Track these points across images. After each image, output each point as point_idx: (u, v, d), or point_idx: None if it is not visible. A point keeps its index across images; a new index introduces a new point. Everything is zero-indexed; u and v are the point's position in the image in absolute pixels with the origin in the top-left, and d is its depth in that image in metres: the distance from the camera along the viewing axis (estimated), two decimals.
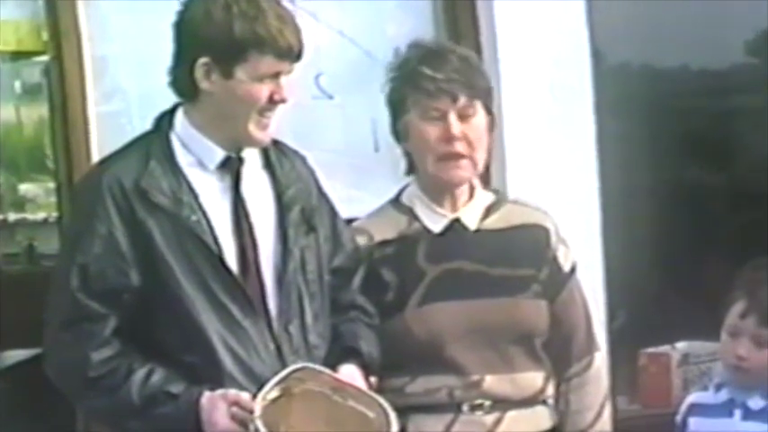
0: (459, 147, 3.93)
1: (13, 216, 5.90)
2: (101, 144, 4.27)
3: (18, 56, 4.88)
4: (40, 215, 5.88)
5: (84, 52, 4.54)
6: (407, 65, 3.98)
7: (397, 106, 3.99)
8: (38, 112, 5.00)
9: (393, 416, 3.45)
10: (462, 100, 3.94)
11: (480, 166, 4.03)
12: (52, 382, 3.61)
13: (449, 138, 3.91)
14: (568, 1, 4.79)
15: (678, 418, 4.44)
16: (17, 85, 5.12)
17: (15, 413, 4.98)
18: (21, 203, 5.76)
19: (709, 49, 5.48)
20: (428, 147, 3.93)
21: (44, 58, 4.78)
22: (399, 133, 4.02)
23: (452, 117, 3.91)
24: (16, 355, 5.22)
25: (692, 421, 4.40)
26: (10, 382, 5.21)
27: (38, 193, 5.66)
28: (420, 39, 4.21)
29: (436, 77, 3.90)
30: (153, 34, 3.81)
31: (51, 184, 5.31)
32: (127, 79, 4.54)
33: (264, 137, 3.66)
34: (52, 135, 4.84)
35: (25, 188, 5.78)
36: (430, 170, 3.97)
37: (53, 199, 5.15)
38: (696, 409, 4.41)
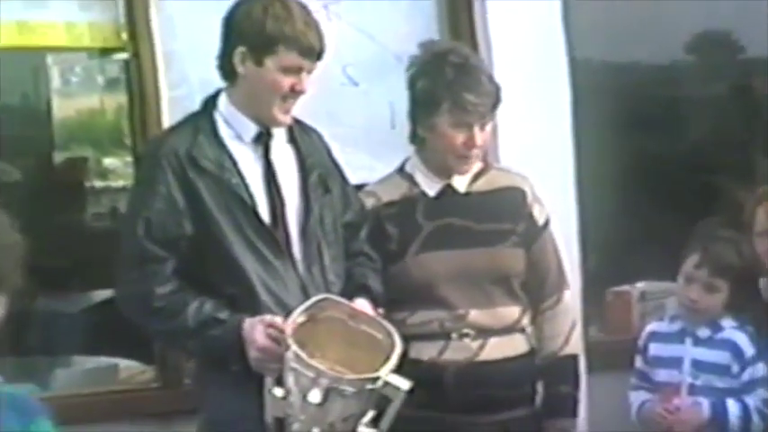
0: (476, 151, 4.05)
1: (98, 184, 5.82)
2: (171, 123, 4.27)
3: (102, 53, 4.86)
4: (120, 183, 5.91)
5: (156, 49, 4.60)
6: (442, 77, 3.98)
7: (428, 107, 4.00)
8: (117, 100, 4.97)
9: (397, 337, 3.50)
10: (488, 118, 4.04)
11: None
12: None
13: (471, 145, 4.00)
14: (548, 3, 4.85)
15: (640, 342, 4.53)
16: (100, 78, 5.11)
17: (105, 341, 5.07)
18: (105, 174, 5.72)
19: (657, 47, 5.49)
20: (453, 148, 4.00)
21: (123, 55, 4.74)
22: (421, 123, 4.05)
23: (476, 129, 3.99)
24: (104, 293, 5.26)
25: (652, 346, 4.50)
26: (100, 315, 5.27)
27: (118, 165, 5.60)
28: (442, 45, 4.29)
29: (475, 102, 3.95)
30: (210, 31, 3.79)
31: (129, 158, 5.31)
32: (190, 69, 4.56)
33: (286, 119, 3.75)
34: (131, 118, 4.70)
35: (108, 161, 5.83)
36: (452, 165, 4.05)
37: (130, 170, 5.19)
38: (654, 336, 4.52)
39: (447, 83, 3.97)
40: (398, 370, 3.48)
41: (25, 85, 5.25)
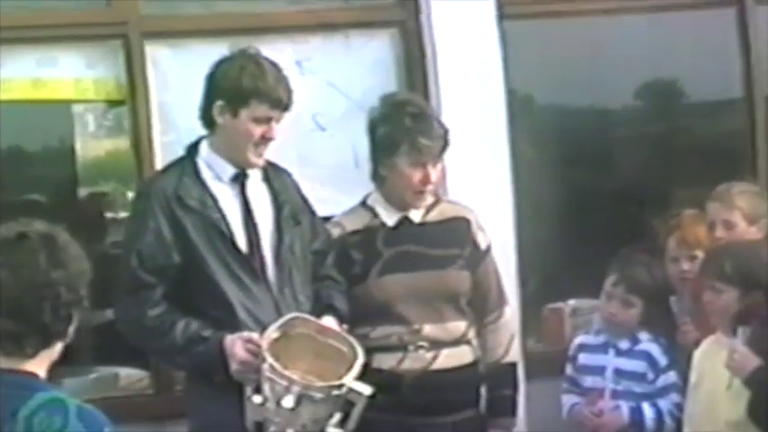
0: (430, 187, 4.06)
1: (122, 214, 5.84)
2: (163, 162, 4.27)
3: (106, 104, 4.87)
4: None
5: (151, 101, 4.61)
6: (401, 124, 3.99)
7: (387, 149, 4.01)
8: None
9: (359, 350, 3.52)
10: (439, 158, 4.07)
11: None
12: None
13: (426, 182, 4.02)
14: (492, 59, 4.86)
15: (570, 353, 4.55)
16: (126, 123, 5.05)
17: (109, 352, 4.97)
18: (128, 205, 5.66)
19: (605, 91, 5.45)
20: (410, 184, 4.01)
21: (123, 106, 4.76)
22: (382, 163, 4.05)
23: (430, 168, 4.02)
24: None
25: (580, 356, 4.52)
26: (110, 330, 5.30)
27: None
28: (400, 97, 4.28)
29: (429, 145, 3.97)
30: (196, 86, 3.80)
31: None
32: (179, 118, 4.55)
33: (259, 161, 3.75)
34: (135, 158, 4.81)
35: (131, 194, 5.72)
36: (409, 199, 4.05)
37: None
38: (582, 347, 4.54)
39: (405, 129, 3.99)
40: (361, 378, 3.49)
41: (55, 131, 5.18)
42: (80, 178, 5.11)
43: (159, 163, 4.44)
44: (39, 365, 2.57)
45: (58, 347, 2.60)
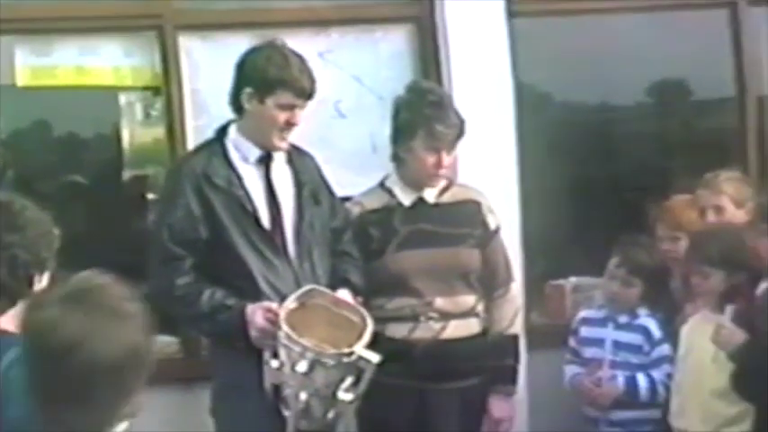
0: (443, 171, 4.05)
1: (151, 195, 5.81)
2: (195, 145, 4.23)
3: (142, 90, 4.79)
4: None
5: (184, 88, 4.59)
6: (420, 111, 3.97)
7: (406, 133, 4.00)
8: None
9: (369, 320, 3.50)
10: (454, 145, 4.04)
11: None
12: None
13: (439, 167, 4.00)
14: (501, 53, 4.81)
15: (573, 325, 4.53)
16: (153, 113, 5.01)
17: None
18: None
19: (610, 88, 5.41)
20: (424, 168, 4.00)
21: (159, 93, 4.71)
22: (401, 146, 4.03)
23: (444, 154, 4.00)
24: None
25: (582, 329, 4.50)
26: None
27: None
28: (423, 85, 4.26)
29: (445, 132, 3.96)
30: (226, 74, 3.79)
31: None
32: (210, 103, 4.53)
33: (283, 145, 3.75)
34: (169, 140, 4.75)
35: None
36: (424, 181, 4.04)
37: None
38: (585, 320, 4.51)
39: (424, 116, 3.97)
40: (375, 346, 3.47)
41: (107, 119, 5.14)
42: (125, 162, 5.07)
43: (191, 145, 4.41)
44: (8, 323, 2.52)
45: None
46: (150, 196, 5.07)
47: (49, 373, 2.05)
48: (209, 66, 4.62)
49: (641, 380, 4.30)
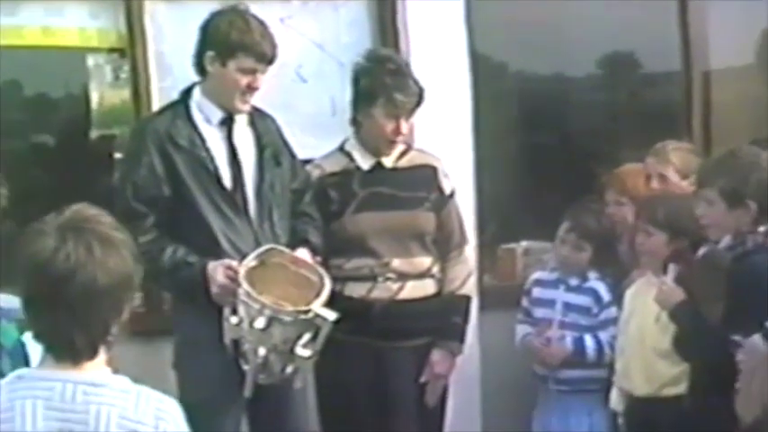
0: (401, 137, 4.04)
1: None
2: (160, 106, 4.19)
3: (108, 53, 4.70)
4: None
5: (148, 50, 4.54)
6: (380, 79, 3.95)
7: (366, 99, 3.99)
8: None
9: (327, 279, 3.51)
10: (412, 113, 4.03)
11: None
12: None
13: (398, 133, 4.00)
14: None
15: (526, 286, 4.55)
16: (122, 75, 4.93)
17: None
18: None
19: (565, 59, 5.39)
20: (382, 134, 3.99)
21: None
22: (360, 111, 4.02)
23: (402, 121, 3.99)
24: None
25: (534, 290, 4.52)
26: None
27: None
28: (382, 52, 4.22)
29: (403, 100, 3.95)
30: (190, 36, 3.75)
31: None
32: (175, 66, 4.47)
33: (245, 108, 3.72)
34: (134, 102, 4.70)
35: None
36: (380, 147, 4.03)
37: None
38: (537, 282, 4.54)
39: (383, 84, 3.96)
40: (334, 305, 3.48)
41: (77, 80, 5.04)
42: (93, 122, 5.00)
43: (157, 106, 4.37)
44: None
45: None
46: (117, 156, 5.04)
47: (51, 296, 2.13)
48: (173, 28, 4.56)
49: (588, 341, 4.33)
